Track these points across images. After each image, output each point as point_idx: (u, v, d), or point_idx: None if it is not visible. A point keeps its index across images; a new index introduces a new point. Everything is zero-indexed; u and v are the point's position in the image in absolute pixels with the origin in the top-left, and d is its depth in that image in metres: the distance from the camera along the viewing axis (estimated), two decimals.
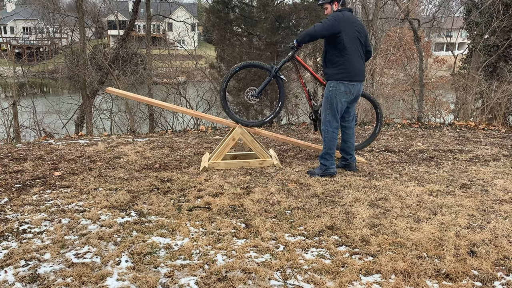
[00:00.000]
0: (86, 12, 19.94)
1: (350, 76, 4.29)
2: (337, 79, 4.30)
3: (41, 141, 6.59)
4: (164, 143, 6.16)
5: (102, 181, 4.27)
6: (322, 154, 4.47)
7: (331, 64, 4.36)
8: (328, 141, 4.43)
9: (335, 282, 2.42)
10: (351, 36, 4.25)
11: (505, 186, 4.04)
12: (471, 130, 7.17)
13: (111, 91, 5.11)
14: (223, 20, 11.97)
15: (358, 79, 4.36)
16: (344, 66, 4.27)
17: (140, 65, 14.59)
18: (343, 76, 4.29)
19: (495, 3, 9.78)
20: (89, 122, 12.35)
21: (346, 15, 4.27)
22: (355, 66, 4.30)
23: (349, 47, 4.24)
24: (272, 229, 3.10)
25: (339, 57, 4.28)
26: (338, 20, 4.19)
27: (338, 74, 4.30)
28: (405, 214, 3.39)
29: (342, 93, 4.33)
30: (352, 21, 4.30)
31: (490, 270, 2.53)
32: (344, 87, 4.31)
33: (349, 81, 4.30)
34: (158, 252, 2.77)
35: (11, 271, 2.53)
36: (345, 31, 4.20)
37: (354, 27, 4.28)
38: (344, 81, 4.30)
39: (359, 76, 4.36)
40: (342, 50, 4.24)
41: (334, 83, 4.33)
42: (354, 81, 4.33)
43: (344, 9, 4.34)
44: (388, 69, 13.56)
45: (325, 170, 4.41)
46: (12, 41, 41.59)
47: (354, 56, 4.28)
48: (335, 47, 4.28)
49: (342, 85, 4.31)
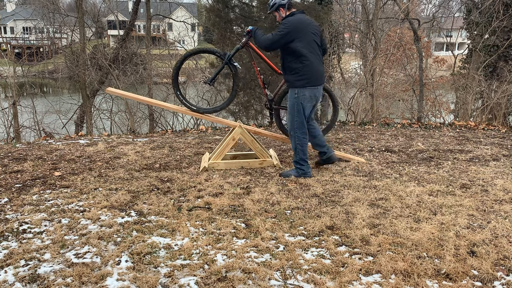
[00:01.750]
0: (86, 12, 19.92)
1: (312, 81, 4.23)
2: (300, 86, 4.24)
3: (41, 141, 6.59)
4: (164, 143, 6.16)
5: (102, 181, 4.27)
6: (298, 160, 4.41)
7: (290, 71, 4.28)
8: (301, 147, 4.39)
9: (335, 282, 2.42)
10: (307, 40, 4.16)
11: (505, 186, 4.04)
12: (471, 130, 7.17)
13: (111, 91, 5.11)
14: (223, 19, 11.96)
15: (319, 82, 4.30)
16: (304, 72, 4.20)
17: (140, 65, 14.57)
18: (305, 83, 4.22)
19: (495, 3, 9.78)
20: (89, 122, 12.34)
21: (299, 18, 4.18)
22: (314, 70, 4.22)
23: (306, 52, 4.16)
24: (272, 229, 3.10)
25: (297, 64, 4.21)
26: (291, 27, 4.10)
27: (300, 80, 4.23)
28: (405, 214, 3.39)
29: (307, 99, 4.27)
30: (306, 23, 4.20)
31: (490, 270, 2.53)
32: (308, 92, 4.26)
33: (312, 86, 4.24)
34: (158, 252, 2.77)
35: (11, 271, 2.53)
36: (299, 37, 4.12)
37: (308, 30, 4.19)
38: (307, 87, 4.23)
39: (320, 79, 4.30)
40: (299, 56, 4.17)
41: (298, 89, 4.26)
42: (317, 85, 4.28)
43: (296, 12, 4.25)
44: (388, 69, 13.56)
45: (301, 174, 4.38)
46: (12, 41, 41.54)
47: (312, 60, 4.20)
48: (291, 53, 4.20)
49: (306, 91, 4.25)
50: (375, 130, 7.18)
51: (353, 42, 16.80)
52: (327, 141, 6.11)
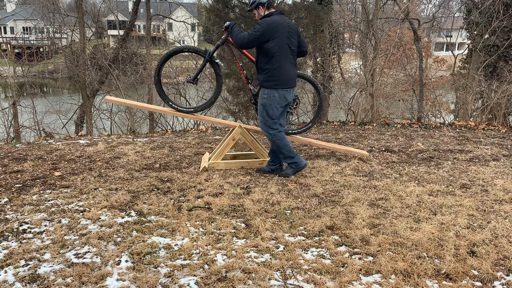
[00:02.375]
0: (86, 12, 19.92)
1: (281, 84, 4.20)
2: (269, 87, 4.22)
3: (41, 141, 6.59)
4: (164, 143, 6.16)
5: (102, 181, 4.27)
6: (286, 156, 4.40)
7: (261, 71, 4.28)
8: (281, 142, 4.36)
9: (335, 282, 2.42)
10: (281, 42, 4.13)
11: (505, 186, 4.04)
12: (471, 130, 7.17)
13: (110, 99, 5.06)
14: (223, 19, 11.96)
15: (289, 85, 4.27)
16: (272, 73, 4.18)
17: (140, 65, 14.58)
18: (274, 84, 4.20)
19: (495, 3, 9.79)
20: (89, 122, 12.35)
21: (275, 20, 4.14)
22: (284, 73, 4.19)
23: (278, 54, 4.13)
24: (272, 229, 3.10)
25: (267, 65, 4.19)
26: (267, 28, 4.08)
27: (269, 81, 4.21)
28: (405, 214, 3.39)
29: (277, 100, 4.24)
30: (283, 25, 4.15)
31: (490, 270, 2.53)
32: (278, 94, 4.23)
33: (282, 88, 4.22)
34: (158, 252, 2.77)
35: (11, 271, 2.53)
36: (274, 39, 4.10)
37: (285, 32, 4.14)
38: (278, 88, 4.21)
39: (290, 82, 4.27)
40: (271, 57, 4.15)
41: (268, 90, 4.24)
42: (287, 88, 4.25)
43: (274, 12, 4.22)
44: (388, 69, 13.55)
45: (296, 166, 4.38)
46: (12, 41, 41.54)
47: (283, 63, 4.17)
48: (264, 54, 4.19)
49: (276, 92, 4.22)
50: (375, 130, 7.18)
51: (353, 42, 16.80)
52: (327, 141, 6.12)
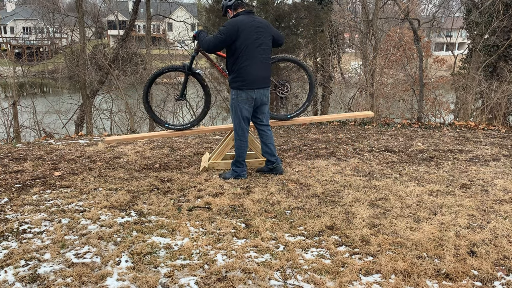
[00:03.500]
0: (86, 12, 19.93)
1: (247, 84, 4.17)
2: (236, 88, 4.21)
3: (41, 141, 6.59)
4: (164, 143, 6.16)
5: (102, 181, 4.27)
6: (233, 161, 4.43)
7: (230, 72, 4.28)
8: (237, 149, 4.39)
9: (335, 282, 2.42)
10: (247, 42, 4.08)
11: (505, 186, 4.04)
12: (471, 130, 7.17)
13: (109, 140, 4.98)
14: (223, 19, 11.97)
15: (257, 86, 4.22)
16: (238, 74, 4.16)
17: (140, 65, 14.57)
18: (240, 85, 4.18)
19: (495, 3, 9.78)
20: (89, 122, 12.34)
21: (240, 20, 4.08)
22: (250, 73, 4.14)
23: (244, 54, 4.09)
24: (272, 229, 3.10)
25: (233, 65, 4.18)
26: (230, 28, 4.03)
27: (235, 82, 4.20)
28: (405, 214, 3.39)
29: (244, 100, 4.23)
30: (249, 25, 4.08)
31: (490, 270, 2.53)
32: (245, 94, 4.21)
33: (248, 88, 4.19)
34: (158, 252, 2.77)
35: (11, 271, 2.54)
36: (239, 39, 4.06)
37: (251, 32, 4.08)
38: (243, 89, 4.19)
39: (258, 83, 4.22)
40: (237, 58, 4.13)
41: (235, 91, 4.24)
42: (254, 88, 4.21)
43: (241, 12, 4.17)
44: (388, 69, 13.54)
45: (235, 177, 4.36)
46: (12, 41, 41.55)
47: (248, 64, 4.12)
48: (231, 54, 4.17)
49: (243, 93, 4.21)
50: (375, 130, 7.19)
51: (353, 42, 16.80)
52: (326, 142, 6.12)
